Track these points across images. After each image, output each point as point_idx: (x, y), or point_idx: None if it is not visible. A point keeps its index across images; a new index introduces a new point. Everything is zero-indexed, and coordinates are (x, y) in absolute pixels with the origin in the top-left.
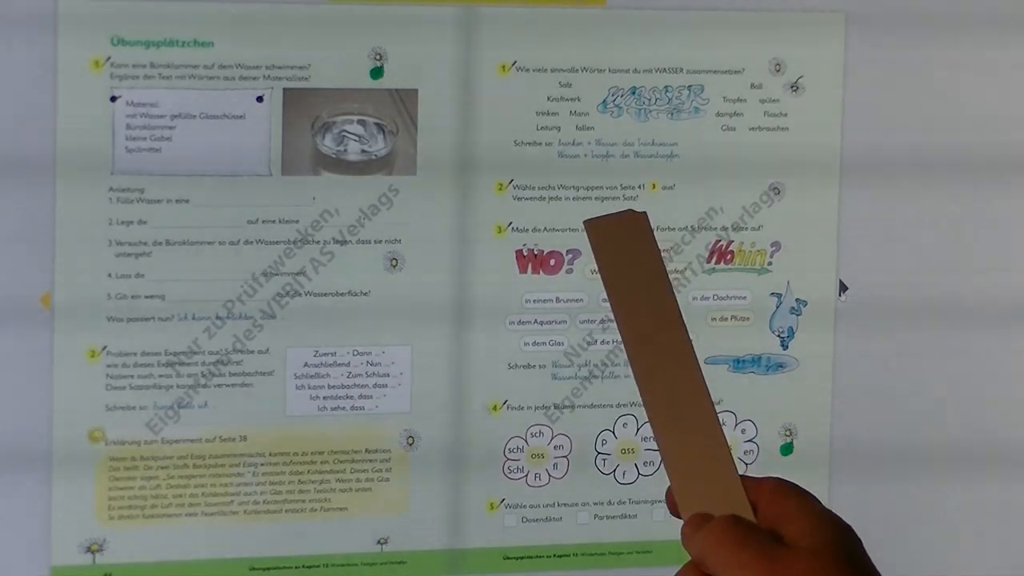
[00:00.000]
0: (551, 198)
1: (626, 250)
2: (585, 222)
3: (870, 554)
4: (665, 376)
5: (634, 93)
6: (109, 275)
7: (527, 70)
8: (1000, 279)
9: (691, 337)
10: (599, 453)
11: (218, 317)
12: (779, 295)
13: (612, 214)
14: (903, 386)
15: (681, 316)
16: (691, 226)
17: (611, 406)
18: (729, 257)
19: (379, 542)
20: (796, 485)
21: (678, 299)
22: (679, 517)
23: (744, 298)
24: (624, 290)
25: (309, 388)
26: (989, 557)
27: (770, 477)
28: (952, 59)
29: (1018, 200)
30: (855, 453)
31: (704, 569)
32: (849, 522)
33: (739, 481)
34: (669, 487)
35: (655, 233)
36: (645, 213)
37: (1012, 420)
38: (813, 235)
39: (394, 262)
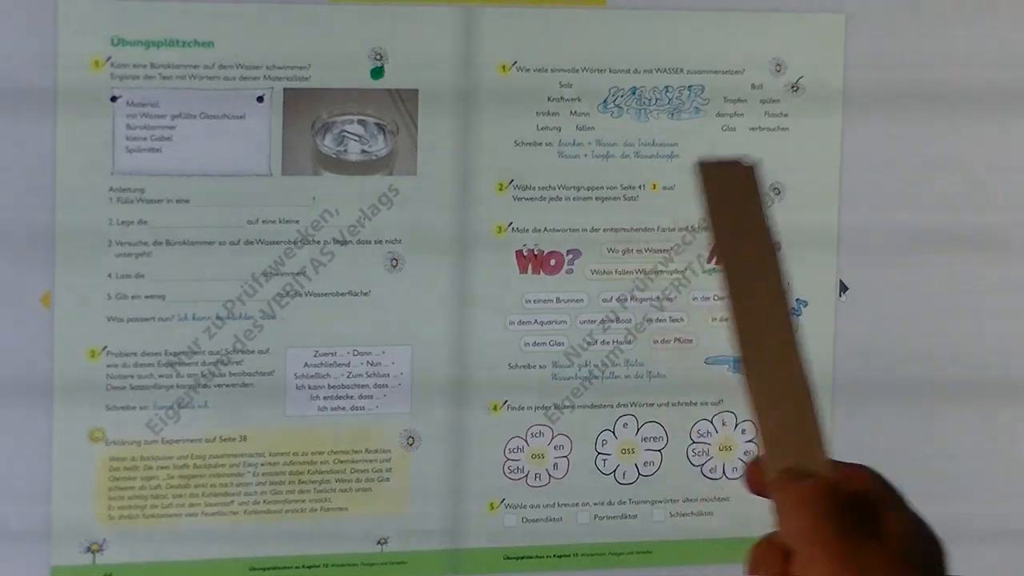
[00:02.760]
0: (551, 198)
1: (733, 197)
2: (698, 163)
3: None
4: (760, 332)
5: (634, 93)
6: (109, 275)
7: (527, 70)
8: (1001, 280)
9: (797, 327)
10: (599, 453)
11: (218, 317)
12: None
13: (725, 158)
14: (903, 386)
15: (783, 278)
16: (691, 226)
17: (611, 406)
18: None
19: (379, 542)
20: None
21: (780, 270)
22: (757, 492)
23: None
24: (728, 238)
25: (309, 388)
26: (993, 553)
27: (863, 465)
28: (952, 59)
29: (1019, 205)
30: (855, 453)
31: (781, 534)
32: None
33: (825, 444)
34: (750, 461)
35: (660, 235)
36: (756, 164)
37: (1013, 420)
38: (813, 235)
39: (394, 262)
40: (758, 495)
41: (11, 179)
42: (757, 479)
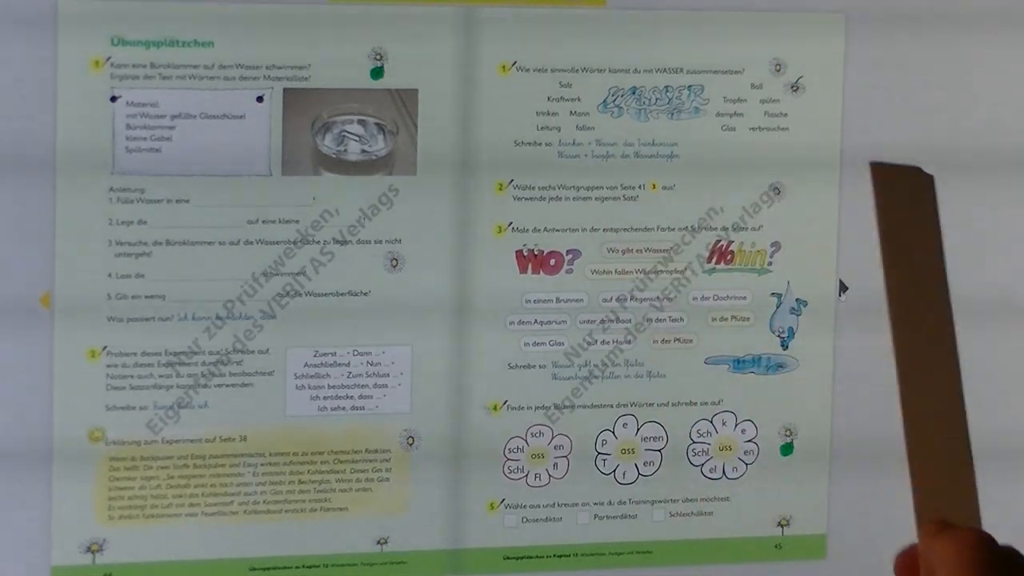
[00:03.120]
0: (551, 198)
1: (907, 207)
2: (871, 164)
3: (870, 552)
4: (924, 363)
5: (634, 93)
6: (109, 275)
7: (527, 70)
8: (1001, 278)
9: (958, 353)
10: (599, 453)
11: (218, 317)
12: (779, 295)
13: (901, 165)
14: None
15: (948, 299)
16: (691, 226)
17: (611, 406)
18: (729, 257)
19: (379, 542)
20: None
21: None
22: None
23: (744, 298)
24: (897, 252)
25: (309, 388)
26: None
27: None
28: (952, 59)
29: (1019, 198)
30: (855, 453)
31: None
32: (850, 520)
33: (976, 496)
34: (901, 553)
35: (660, 235)
36: (933, 177)
37: (1014, 419)
38: (813, 235)
39: (394, 262)
40: None
41: (11, 179)
42: (910, 565)
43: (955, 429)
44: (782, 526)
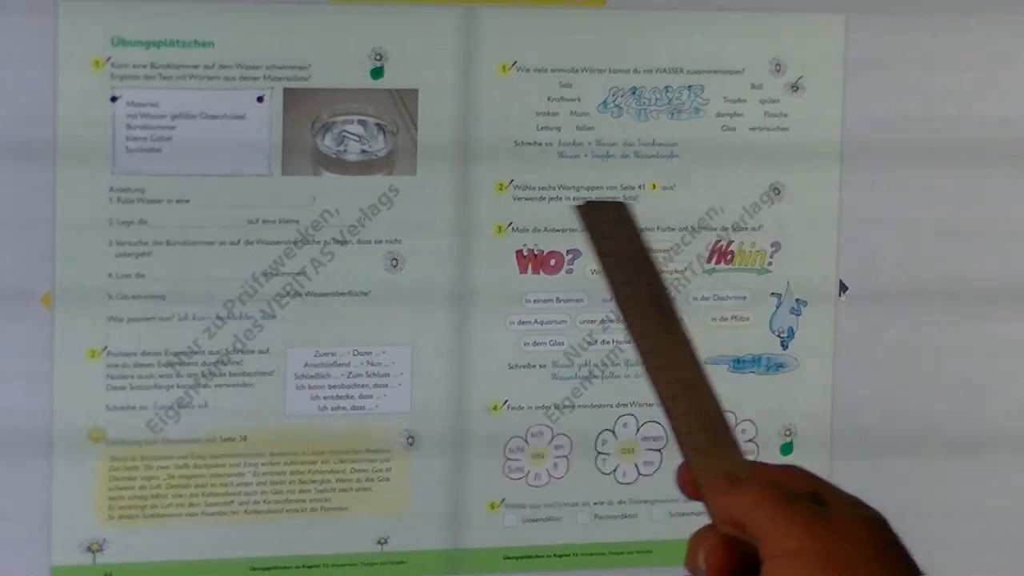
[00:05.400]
0: (551, 198)
1: (615, 231)
2: (575, 207)
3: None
4: (663, 348)
5: (634, 93)
6: (109, 275)
7: (527, 70)
8: (1001, 277)
9: (691, 336)
10: (599, 453)
11: (218, 317)
12: (779, 295)
13: (601, 201)
14: (904, 385)
15: (668, 292)
16: (691, 226)
17: (611, 406)
18: (729, 257)
19: (379, 542)
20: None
21: (676, 298)
22: (692, 496)
23: (744, 298)
24: (616, 265)
25: (309, 388)
26: (991, 554)
27: (786, 464)
28: (952, 58)
29: (1019, 198)
30: (855, 453)
31: (736, 526)
32: None
33: (741, 448)
34: (680, 464)
35: (660, 235)
36: (625, 203)
37: (1014, 418)
38: (813, 235)
39: (394, 262)
40: (693, 499)
41: (11, 179)
42: (691, 483)
43: (705, 396)
44: None
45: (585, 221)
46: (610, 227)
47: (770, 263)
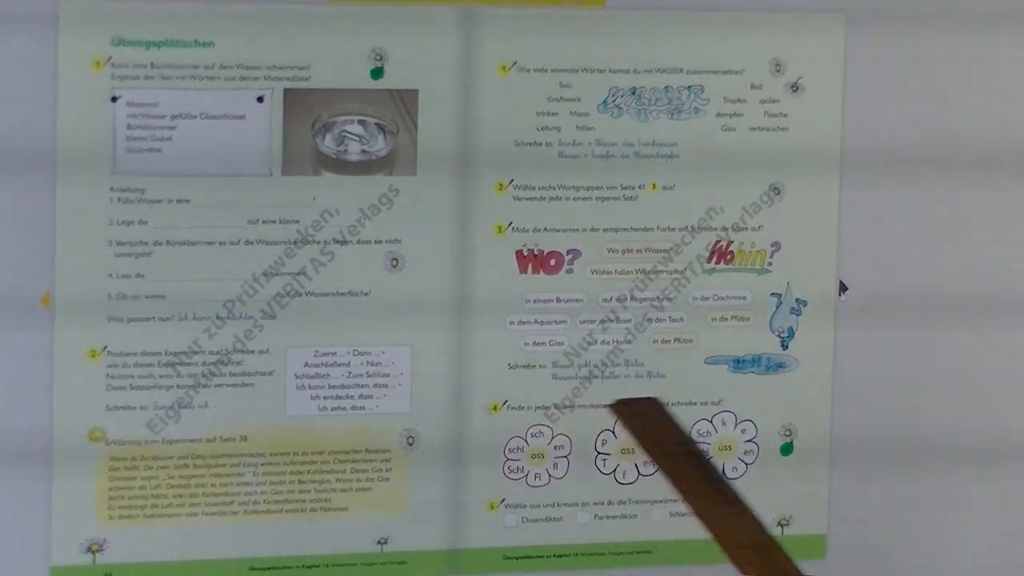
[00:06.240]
0: (551, 198)
1: (652, 422)
2: (610, 406)
3: (870, 552)
4: (723, 516)
5: (634, 93)
6: (109, 275)
7: (527, 70)
8: (1001, 277)
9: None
10: (599, 453)
11: (218, 317)
12: (779, 295)
13: (635, 398)
14: (903, 385)
15: (711, 464)
16: (691, 226)
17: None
18: (729, 257)
19: (379, 542)
20: None
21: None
22: None
23: (744, 298)
24: (663, 454)
25: (309, 388)
26: (992, 554)
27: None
28: (952, 58)
29: (1019, 198)
30: (855, 452)
31: None
32: (850, 520)
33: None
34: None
35: (660, 235)
36: (657, 398)
37: (1015, 417)
38: (813, 235)
39: (394, 262)
40: None
41: (11, 179)
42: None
43: (780, 558)
44: (782, 526)
45: (620, 419)
46: (644, 420)
47: (770, 263)
